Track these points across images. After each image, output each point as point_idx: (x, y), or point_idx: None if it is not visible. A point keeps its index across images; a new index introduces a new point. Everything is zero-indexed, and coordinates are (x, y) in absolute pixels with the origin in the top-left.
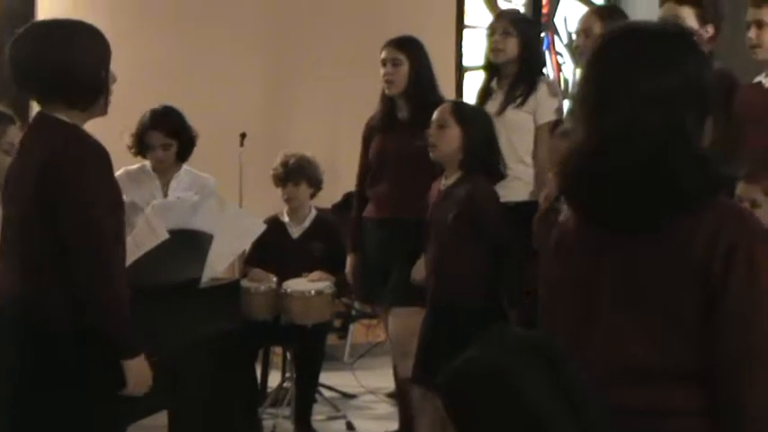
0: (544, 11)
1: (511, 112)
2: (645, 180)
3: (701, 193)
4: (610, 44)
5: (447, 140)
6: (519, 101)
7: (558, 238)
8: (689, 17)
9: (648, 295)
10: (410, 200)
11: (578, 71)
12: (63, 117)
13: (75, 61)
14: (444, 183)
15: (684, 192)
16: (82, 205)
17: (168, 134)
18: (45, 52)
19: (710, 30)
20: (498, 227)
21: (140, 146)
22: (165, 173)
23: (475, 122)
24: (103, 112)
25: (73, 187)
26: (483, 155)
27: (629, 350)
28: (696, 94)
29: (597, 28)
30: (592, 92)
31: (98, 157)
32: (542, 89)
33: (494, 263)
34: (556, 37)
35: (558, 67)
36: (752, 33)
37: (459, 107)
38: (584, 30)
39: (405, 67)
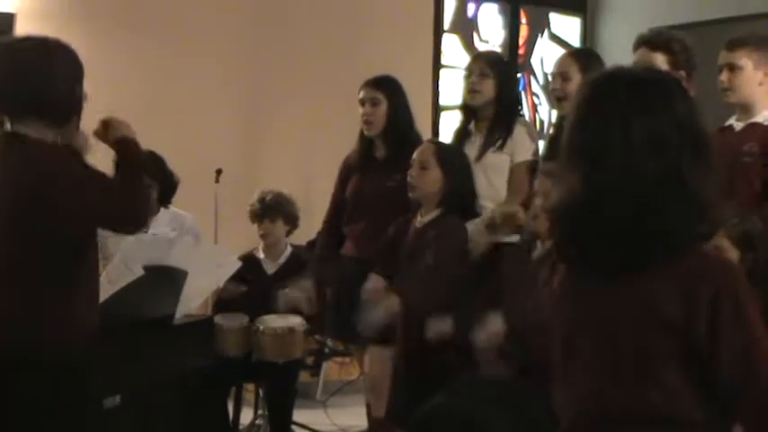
0: (521, 52)
1: (490, 156)
2: (639, 228)
3: (693, 240)
4: (600, 91)
5: (428, 181)
6: (498, 144)
7: (548, 280)
8: (661, 64)
9: (625, 342)
10: (388, 239)
11: (555, 113)
12: (36, 135)
13: (51, 79)
14: (421, 220)
15: (678, 239)
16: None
17: (147, 176)
18: (20, 70)
19: (683, 75)
20: (457, 265)
21: None
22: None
23: (455, 164)
24: (76, 130)
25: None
26: (461, 195)
27: (605, 395)
28: (689, 137)
29: (574, 71)
30: (585, 139)
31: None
32: (519, 130)
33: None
34: (532, 78)
35: (534, 108)
36: (723, 77)
37: (440, 149)
38: (560, 73)
39: (383, 107)
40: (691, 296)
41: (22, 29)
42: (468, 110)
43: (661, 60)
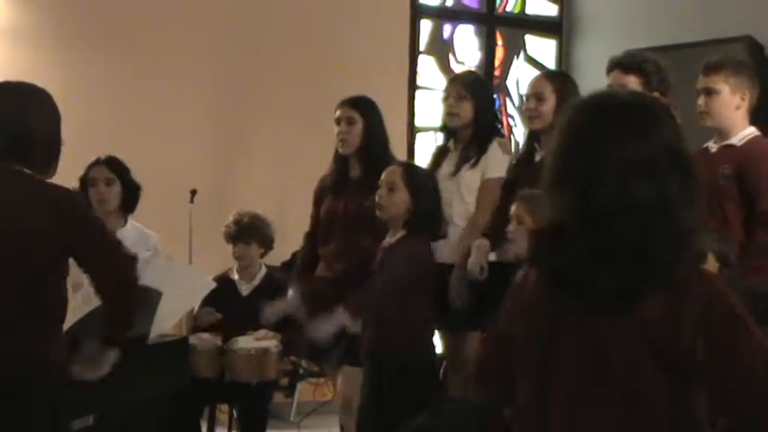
0: (496, 73)
1: (465, 173)
2: (635, 253)
3: (682, 266)
4: (588, 115)
5: (395, 203)
6: (472, 161)
7: (517, 299)
8: (634, 85)
9: (609, 368)
10: (359, 259)
11: (524, 132)
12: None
13: (36, 124)
14: (388, 240)
15: (667, 266)
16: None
17: (111, 169)
18: (6, 115)
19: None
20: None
21: (83, 184)
22: (109, 222)
23: (423, 186)
24: (53, 174)
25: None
26: (427, 217)
27: (586, 422)
28: (678, 161)
29: (549, 92)
30: (576, 164)
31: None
32: (493, 148)
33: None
34: (507, 99)
35: (510, 130)
36: (701, 101)
37: (408, 170)
38: (535, 93)
39: (359, 126)
40: (684, 321)
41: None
42: (447, 131)
43: (634, 82)
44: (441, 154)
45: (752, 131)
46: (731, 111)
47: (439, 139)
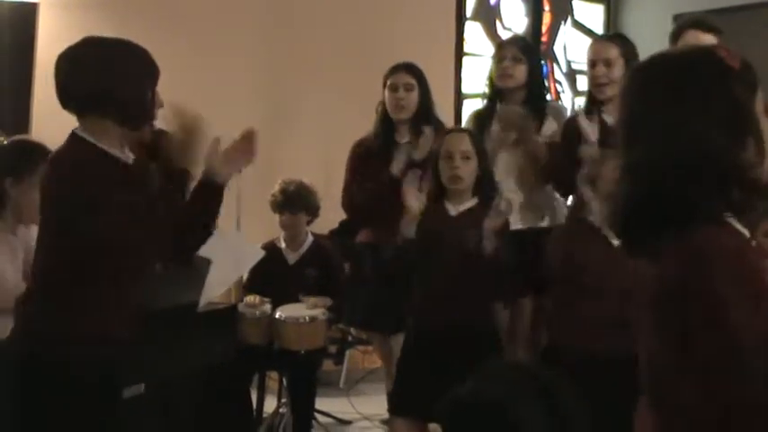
0: (543, 39)
1: None
2: (651, 207)
3: (703, 219)
4: (657, 76)
5: (470, 172)
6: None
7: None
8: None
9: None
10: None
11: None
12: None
13: (119, 79)
14: (457, 208)
15: (704, 210)
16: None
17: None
18: (91, 68)
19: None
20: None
21: None
22: None
23: (485, 153)
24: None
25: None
26: (491, 184)
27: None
28: (744, 114)
29: (613, 54)
30: (653, 122)
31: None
32: (553, 113)
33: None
34: (555, 65)
35: (558, 96)
36: None
37: (474, 138)
38: (603, 59)
39: (416, 92)
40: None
41: (44, 18)
42: (496, 92)
43: (712, 40)
44: (485, 117)
45: None
46: None
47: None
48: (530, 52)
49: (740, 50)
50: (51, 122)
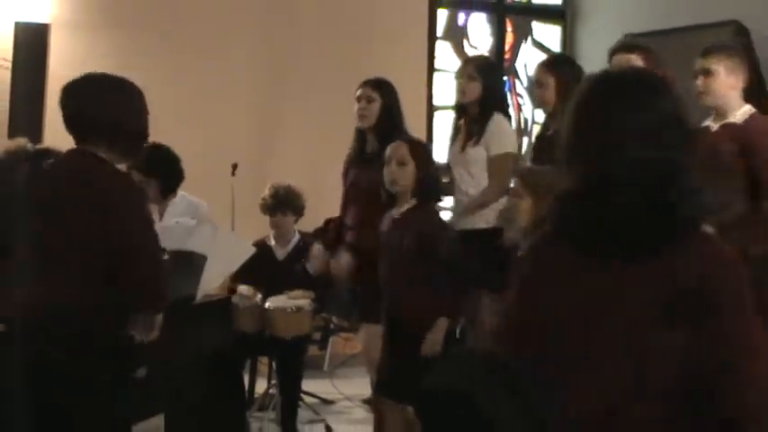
0: (506, 57)
1: (470, 149)
2: (648, 213)
3: (695, 221)
4: (598, 91)
5: (406, 176)
6: (474, 138)
7: (534, 266)
8: (638, 63)
9: (637, 319)
10: (374, 228)
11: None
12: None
13: (123, 114)
14: (398, 210)
15: (681, 221)
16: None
17: (145, 174)
18: (96, 105)
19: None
20: (447, 248)
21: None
22: (157, 203)
23: (427, 158)
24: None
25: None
26: (433, 186)
27: (618, 371)
28: (681, 127)
29: (547, 79)
30: (589, 136)
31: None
32: (492, 124)
33: (438, 279)
34: (517, 81)
35: (519, 108)
36: (699, 81)
37: (413, 145)
38: (537, 81)
39: (377, 105)
40: (695, 274)
41: (55, 37)
42: (458, 108)
43: (636, 59)
44: (455, 132)
45: (749, 109)
46: (728, 90)
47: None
48: (486, 71)
49: (685, 68)
50: (62, 132)
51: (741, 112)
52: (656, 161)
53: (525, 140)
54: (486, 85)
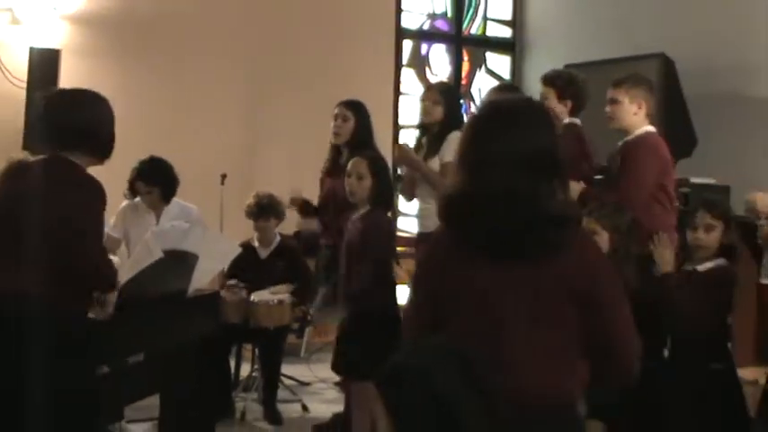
0: (463, 83)
1: (430, 162)
2: (518, 220)
3: (561, 227)
4: (483, 116)
5: (364, 188)
6: (434, 151)
7: (435, 258)
8: (550, 95)
9: (533, 305)
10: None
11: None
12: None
13: (93, 123)
14: (357, 215)
15: (547, 227)
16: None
17: (148, 183)
18: (70, 114)
19: (569, 104)
20: (383, 248)
21: (132, 190)
22: (155, 207)
23: (382, 171)
24: (103, 161)
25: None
26: (385, 195)
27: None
28: (549, 159)
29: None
30: (471, 152)
31: (100, 189)
32: (450, 138)
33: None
34: (472, 104)
35: None
36: (608, 108)
37: (371, 161)
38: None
39: (350, 123)
40: (577, 268)
41: (66, 62)
42: (422, 127)
43: (550, 92)
44: (417, 148)
45: (645, 130)
46: (630, 116)
47: (416, 133)
48: (448, 95)
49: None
50: None
51: (639, 131)
52: (524, 182)
53: None
54: (447, 108)
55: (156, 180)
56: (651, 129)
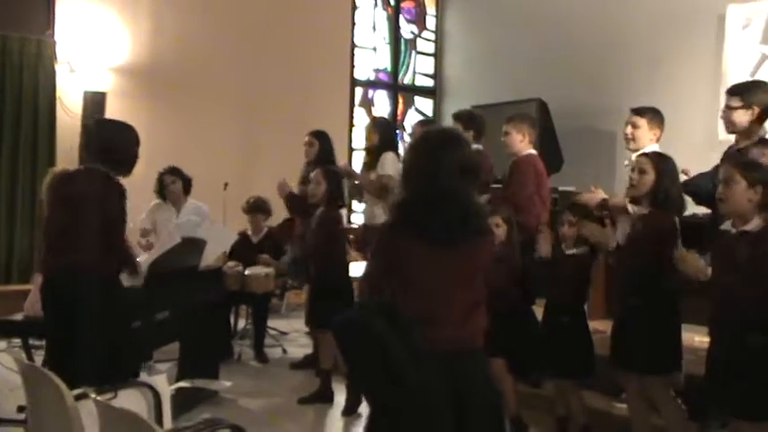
0: (399, 118)
1: (372, 173)
2: (455, 219)
3: (483, 219)
4: (425, 139)
5: (321, 192)
6: (373, 166)
7: (388, 242)
8: (458, 126)
9: (460, 278)
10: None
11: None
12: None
13: (119, 143)
14: (317, 214)
15: (475, 224)
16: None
17: (173, 174)
18: (104, 136)
19: (471, 133)
20: (337, 238)
21: (161, 186)
22: (176, 203)
23: (334, 179)
24: (128, 174)
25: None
26: (336, 198)
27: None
28: (469, 168)
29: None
30: (416, 165)
31: (124, 191)
32: (383, 158)
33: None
34: (404, 133)
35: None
36: (503, 138)
37: (326, 171)
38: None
39: (316, 146)
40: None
41: (111, 104)
42: (367, 150)
43: (459, 125)
44: (364, 165)
45: (528, 152)
46: (517, 143)
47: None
48: (381, 127)
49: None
50: None
51: (523, 153)
52: (462, 186)
53: None
54: (381, 136)
55: (178, 173)
56: (533, 151)
